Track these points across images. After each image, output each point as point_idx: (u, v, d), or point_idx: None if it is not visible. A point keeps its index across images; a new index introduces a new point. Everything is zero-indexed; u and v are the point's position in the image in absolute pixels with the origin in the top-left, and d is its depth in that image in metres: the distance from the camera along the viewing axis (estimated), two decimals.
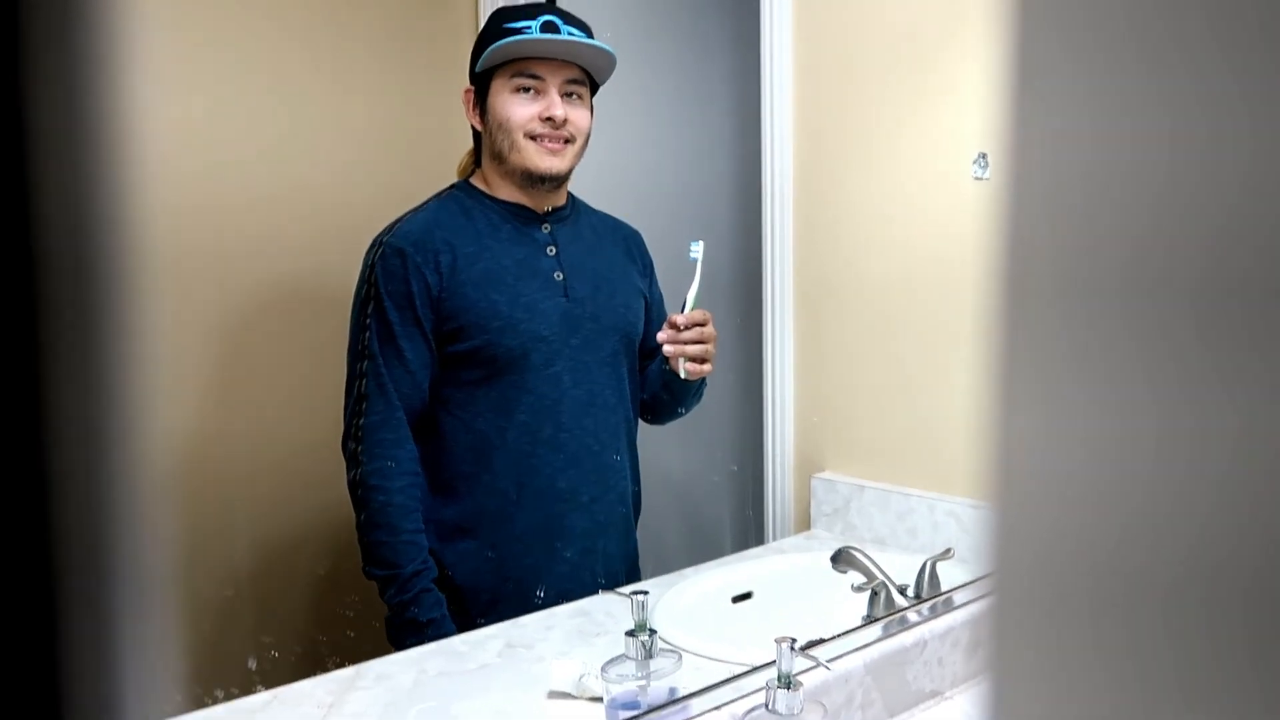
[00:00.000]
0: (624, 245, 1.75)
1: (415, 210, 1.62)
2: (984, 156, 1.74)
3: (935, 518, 1.83)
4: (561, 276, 1.62)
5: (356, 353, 1.56)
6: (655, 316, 1.76)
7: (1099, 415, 0.26)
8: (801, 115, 1.94)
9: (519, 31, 1.55)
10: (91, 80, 0.21)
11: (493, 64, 1.57)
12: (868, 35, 1.88)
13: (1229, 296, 0.24)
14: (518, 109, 1.57)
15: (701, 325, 1.61)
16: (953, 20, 1.79)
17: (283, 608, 1.80)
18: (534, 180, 1.60)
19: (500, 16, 1.60)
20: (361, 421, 1.54)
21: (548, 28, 1.55)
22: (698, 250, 1.58)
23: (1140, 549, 0.25)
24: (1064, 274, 0.26)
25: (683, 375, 1.61)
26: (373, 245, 1.58)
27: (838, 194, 1.93)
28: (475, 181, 1.65)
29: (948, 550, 1.66)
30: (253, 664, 1.56)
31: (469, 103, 1.62)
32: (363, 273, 1.58)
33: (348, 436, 1.57)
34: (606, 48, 1.60)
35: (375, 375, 1.54)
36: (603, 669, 1.30)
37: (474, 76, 1.61)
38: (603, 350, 1.64)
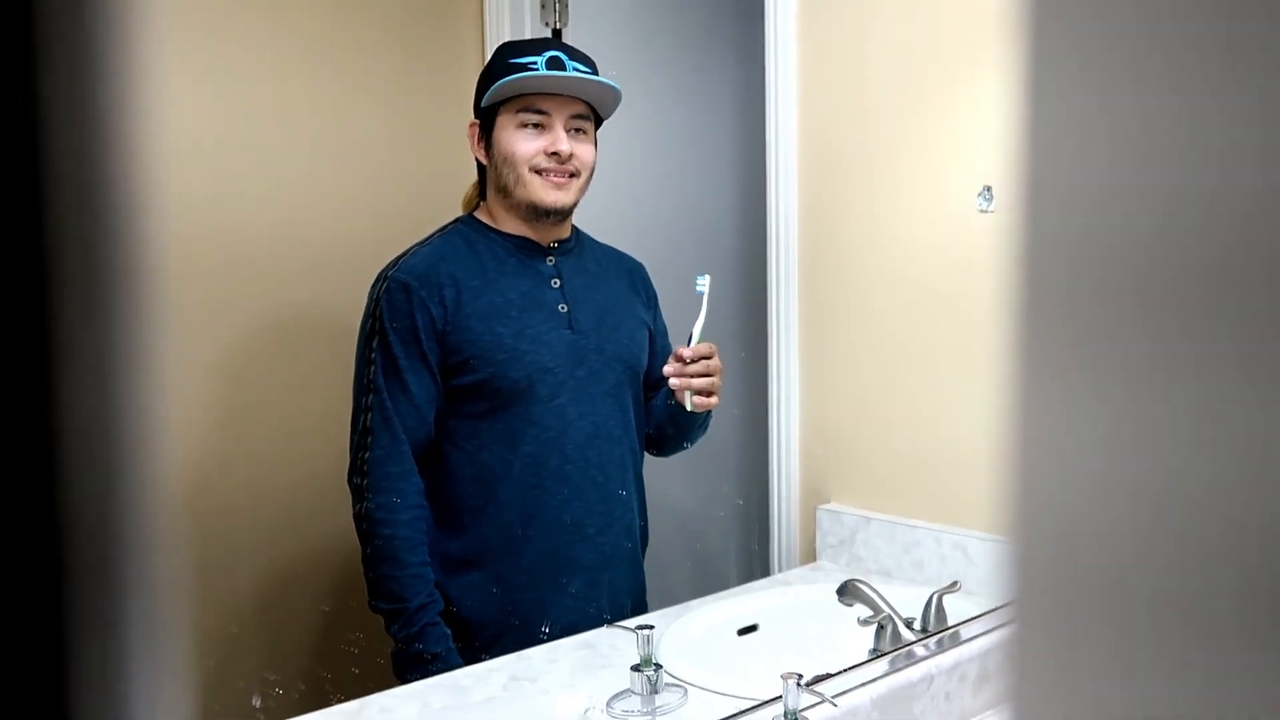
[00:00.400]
0: (628, 278, 1.76)
1: (420, 244, 1.62)
2: (988, 189, 1.74)
3: (942, 550, 1.82)
4: (566, 309, 1.63)
5: (362, 386, 1.56)
6: (659, 348, 1.76)
7: (1119, 422, 0.25)
8: (806, 148, 1.95)
9: (525, 68, 1.55)
10: (104, 91, 0.21)
11: (499, 99, 1.58)
12: (872, 69, 1.89)
13: (1250, 298, 0.23)
14: (523, 143, 1.57)
15: (707, 358, 1.60)
16: (958, 55, 1.79)
17: (287, 644, 1.80)
18: (539, 214, 1.61)
19: (506, 52, 1.61)
20: (367, 455, 1.54)
21: (553, 64, 1.56)
22: (704, 284, 1.58)
23: (1167, 557, 0.25)
24: (1081, 279, 0.26)
25: (689, 408, 1.61)
26: (378, 279, 1.59)
27: (843, 226, 1.93)
28: (480, 215, 1.65)
29: (954, 583, 1.65)
30: (257, 701, 1.55)
31: (474, 137, 1.63)
32: (368, 306, 1.58)
33: (353, 471, 1.56)
34: (613, 84, 1.61)
35: (380, 409, 1.54)
36: (608, 704, 1.29)
37: (479, 111, 1.62)
38: (607, 382, 1.65)
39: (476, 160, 1.65)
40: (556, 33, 2.15)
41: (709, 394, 1.61)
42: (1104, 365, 0.26)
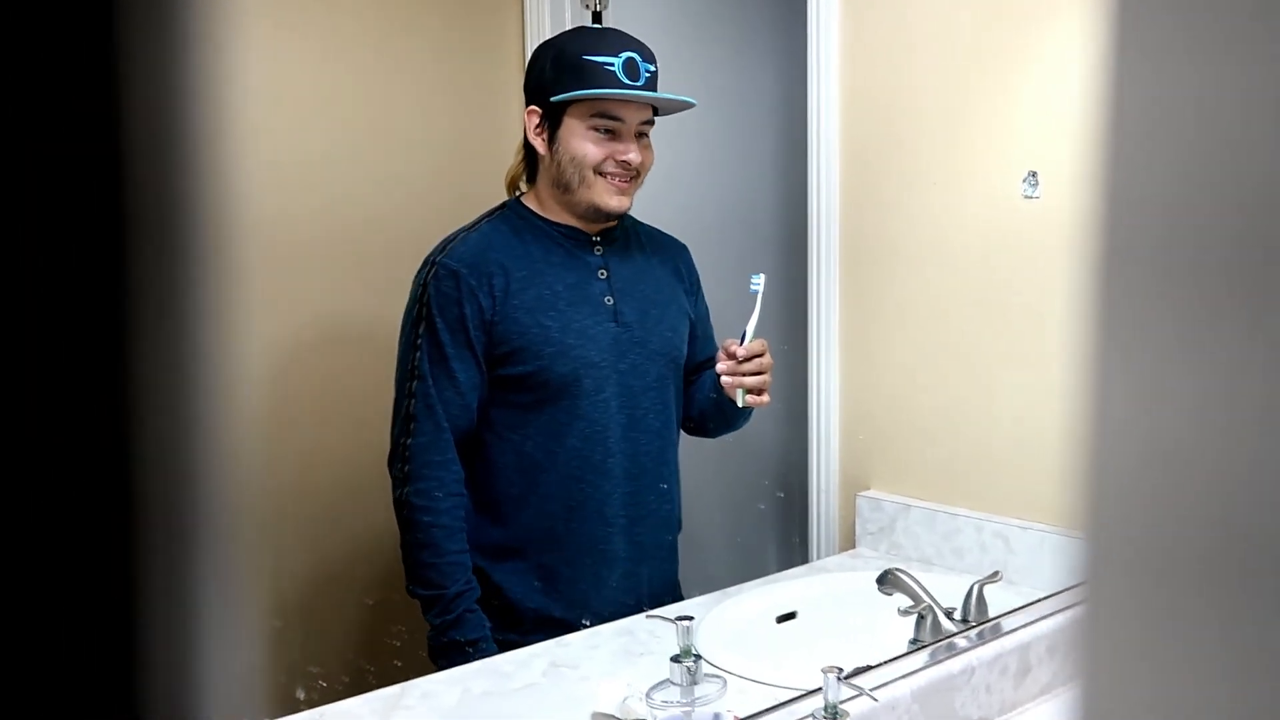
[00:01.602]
0: (672, 263, 1.75)
1: (468, 230, 1.62)
2: (1034, 175, 1.72)
3: (982, 538, 1.81)
4: (612, 301, 1.62)
5: (406, 372, 1.56)
6: (700, 333, 1.76)
7: (1199, 384, 0.25)
8: (848, 137, 1.93)
9: (602, 68, 1.55)
10: (185, 81, 0.21)
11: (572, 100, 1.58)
12: (914, 57, 1.87)
13: None
14: (595, 148, 1.57)
15: (760, 356, 1.61)
16: (1000, 42, 1.77)
17: (330, 637, 1.81)
18: (599, 216, 1.61)
19: (578, 45, 1.59)
20: (409, 441, 1.55)
21: (629, 67, 1.55)
22: (759, 283, 1.59)
23: (1249, 535, 0.24)
24: (1165, 248, 0.26)
25: (741, 405, 1.62)
26: (425, 264, 1.59)
27: (885, 215, 1.92)
28: (527, 201, 1.64)
29: (995, 573, 1.64)
30: (300, 694, 1.57)
31: (533, 124, 1.61)
32: (414, 292, 1.58)
33: (394, 457, 1.57)
34: (690, 100, 1.62)
35: (425, 396, 1.54)
36: (648, 694, 1.30)
37: (541, 99, 1.60)
38: (649, 375, 1.65)
39: (528, 145, 1.64)
40: (597, 15, 2.14)
41: (760, 391, 1.61)
42: (1186, 337, 0.25)
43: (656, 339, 1.66)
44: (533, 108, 1.61)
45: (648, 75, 1.58)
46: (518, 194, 1.67)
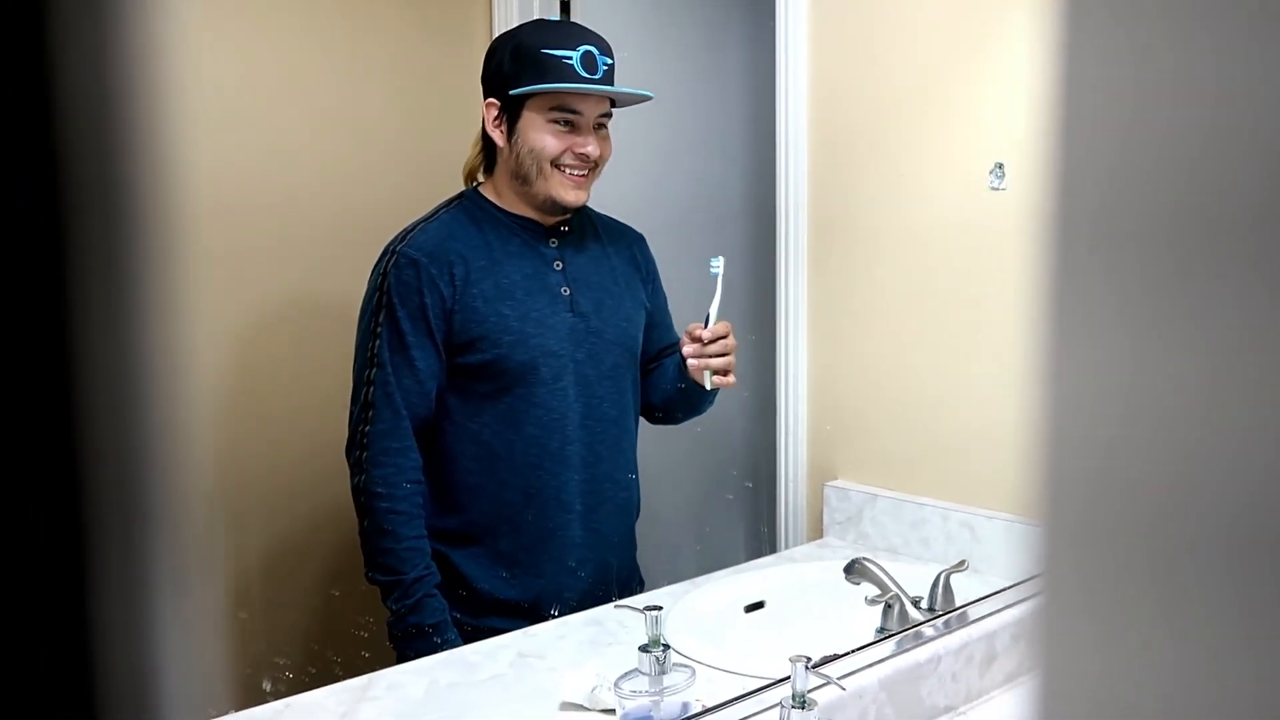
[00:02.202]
0: (628, 252, 1.76)
1: (427, 219, 1.62)
2: (1000, 167, 1.73)
3: (949, 527, 1.82)
4: (568, 292, 1.64)
5: (365, 360, 1.56)
6: (658, 322, 1.78)
7: (1151, 365, 0.25)
8: (816, 127, 1.93)
9: (560, 62, 1.55)
10: (123, 60, 0.21)
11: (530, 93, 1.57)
12: (882, 47, 1.87)
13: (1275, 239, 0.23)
14: (553, 141, 1.57)
15: (724, 338, 1.62)
16: (968, 32, 1.78)
17: (296, 629, 1.80)
18: (557, 209, 1.61)
19: (536, 38, 1.59)
20: (368, 429, 1.55)
21: (587, 60, 1.56)
22: (719, 265, 1.61)
23: (1202, 505, 0.25)
24: (1112, 220, 0.26)
25: (708, 387, 1.64)
26: (385, 253, 1.58)
27: (853, 205, 1.92)
28: (485, 191, 1.65)
29: (962, 562, 1.65)
30: (267, 686, 1.56)
31: (491, 117, 1.61)
32: (374, 280, 1.58)
33: (352, 444, 1.57)
34: (647, 94, 1.63)
35: (383, 384, 1.54)
36: (616, 684, 1.30)
37: (499, 91, 1.60)
38: (606, 364, 1.66)
39: (486, 137, 1.63)
40: (565, 5, 2.13)
41: (726, 372, 1.63)
42: (1135, 308, 0.25)
43: (613, 328, 1.68)
44: (491, 100, 1.61)
45: (605, 68, 1.59)
46: (475, 184, 1.67)
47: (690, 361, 1.63)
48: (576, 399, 1.63)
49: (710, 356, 1.62)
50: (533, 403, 1.60)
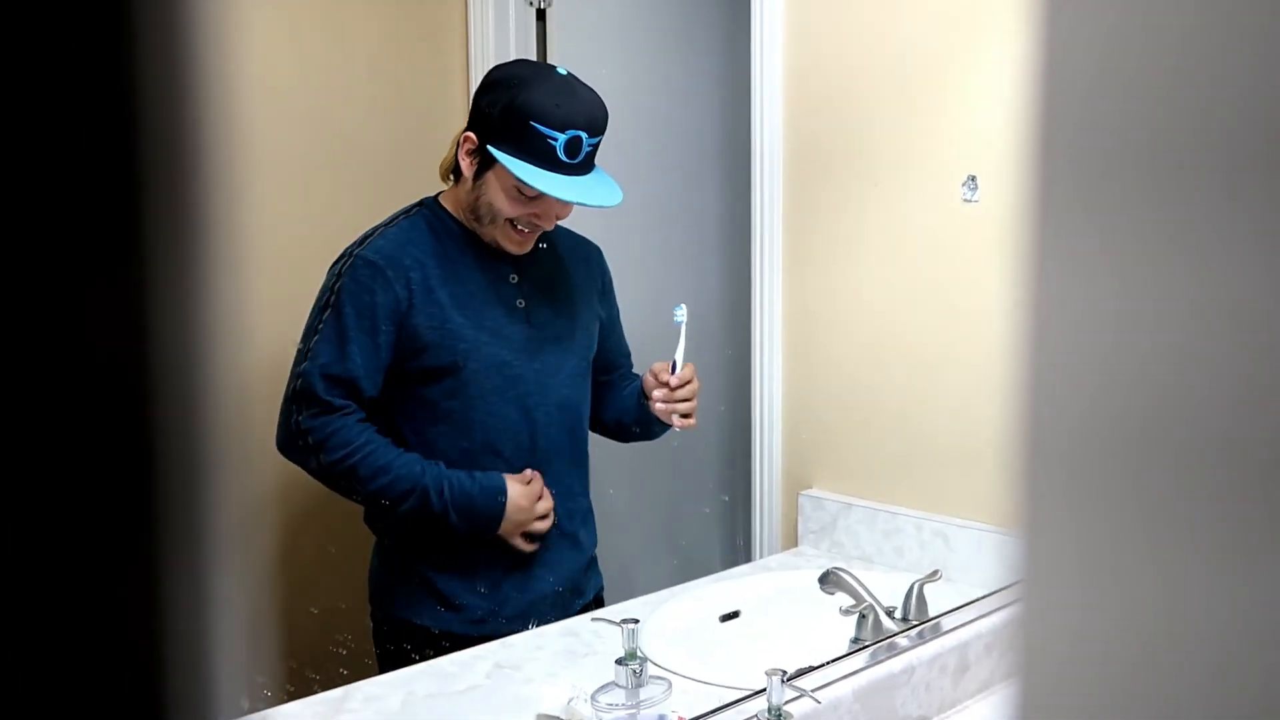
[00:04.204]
0: (584, 264, 1.77)
1: (386, 225, 1.63)
2: (973, 179, 1.75)
3: (922, 536, 1.84)
4: (523, 304, 1.65)
5: (299, 355, 1.56)
6: (609, 331, 1.80)
7: (1131, 295, 0.26)
8: (791, 137, 1.94)
9: (545, 142, 1.52)
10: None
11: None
12: (856, 59, 1.88)
13: (1254, 169, 0.24)
14: (511, 206, 1.58)
15: (689, 383, 1.67)
16: (941, 46, 1.79)
17: (275, 646, 1.79)
18: (501, 253, 1.63)
19: (532, 102, 1.54)
20: (302, 419, 1.54)
21: (571, 146, 1.53)
22: (682, 314, 1.66)
23: (1181, 431, 0.25)
24: (1091, 155, 0.26)
25: (677, 429, 1.68)
26: (341, 256, 1.59)
27: (827, 216, 1.93)
28: (445, 201, 1.65)
29: (935, 572, 1.67)
30: (245, 704, 1.56)
31: (466, 150, 1.59)
32: (327, 281, 1.59)
33: (291, 440, 1.56)
34: (617, 202, 1.60)
35: (312, 375, 1.54)
36: (593, 696, 1.30)
37: (480, 134, 1.58)
38: (561, 373, 1.68)
39: (457, 161, 1.62)
40: (540, 12, 2.13)
41: (688, 415, 1.68)
42: (1114, 241, 0.26)
43: (568, 339, 1.70)
44: (469, 134, 1.59)
45: (588, 151, 1.56)
46: (437, 194, 1.67)
47: (659, 405, 1.66)
48: (534, 408, 1.64)
49: (678, 401, 1.66)
50: (486, 410, 1.61)
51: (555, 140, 1.53)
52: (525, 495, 1.59)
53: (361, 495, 1.60)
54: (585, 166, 1.57)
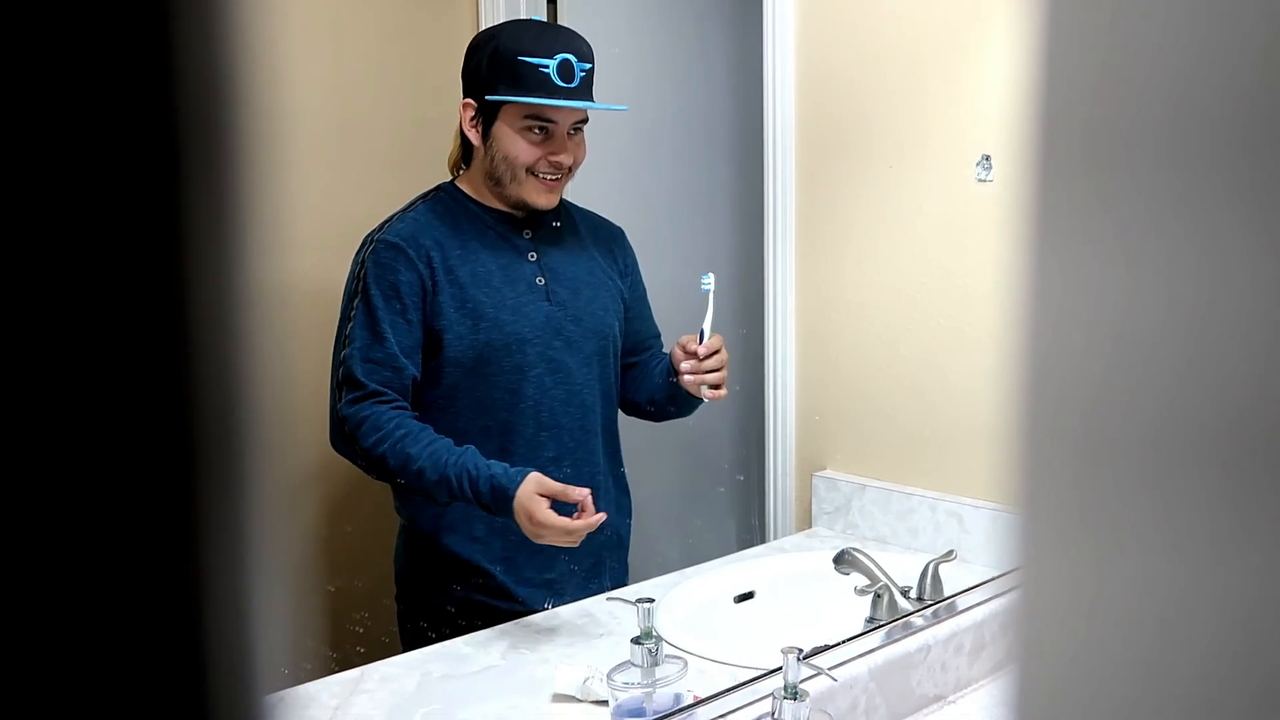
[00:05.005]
0: (606, 245, 1.77)
1: (405, 210, 1.63)
2: (987, 159, 1.74)
3: (937, 517, 1.84)
4: (544, 282, 1.65)
5: (339, 342, 1.57)
6: (636, 314, 1.78)
7: (1135, 265, 0.25)
8: (804, 120, 1.94)
9: (536, 70, 1.55)
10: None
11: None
12: (870, 38, 1.87)
13: (1261, 149, 0.23)
14: (527, 149, 1.58)
15: (718, 352, 1.64)
16: (955, 26, 1.78)
17: (293, 624, 1.80)
18: (528, 211, 1.63)
19: (513, 42, 1.58)
20: (342, 407, 1.55)
21: (564, 69, 1.55)
22: (709, 282, 1.63)
23: (1184, 415, 0.25)
24: (1093, 139, 0.26)
25: (706, 400, 1.65)
26: (365, 242, 1.61)
27: (840, 197, 1.93)
28: (462, 185, 1.66)
29: (950, 552, 1.66)
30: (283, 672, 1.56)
31: (468, 118, 1.61)
32: (353, 269, 1.60)
33: (337, 431, 1.56)
34: (622, 108, 1.63)
35: (353, 360, 1.54)
36: (609, 675, 1.31)
37: (476, 95, 1.60)
38: (583, 352, 1.67)
39: (463, 135, 1.64)
40: (551, 1, 2.13)
41: (719, 385, 1.65)
42: (1119, 220, 0.26)
43: (589, 318, 1.69)
44: (468, 100, 1.62)
45: (583, 75, 1.58)
46: (452, 178, 1.67)
47: (687, 377, 1.63)
48: (553, 387, 1.64)
49: (706, 372, 1.63)
50: (507, 390, 1.61)
51: (547, 67, 1.55)
52: (530, 514, 1.46)
53: (406, 489, 1.59)
54: (584, 92, 1.59)
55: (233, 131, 0.22)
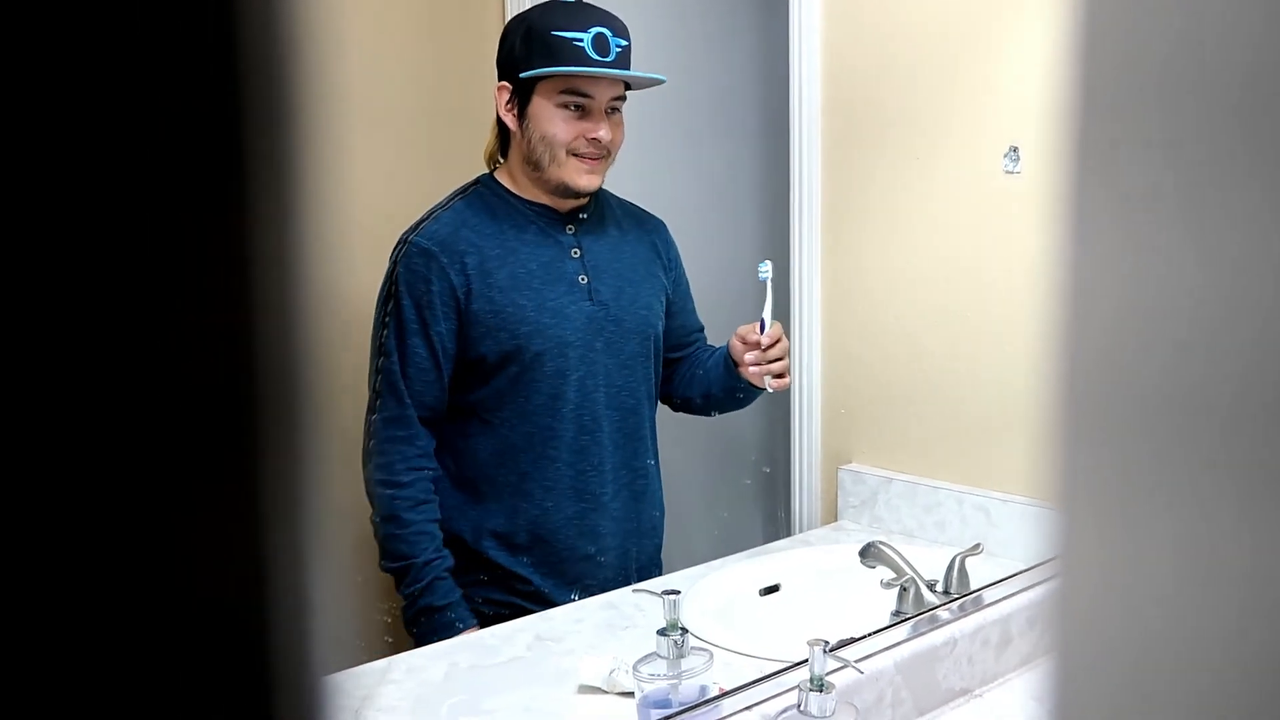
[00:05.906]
0: (648, 239, 1.75)
1: (441, 208, 1.62)
2: (1015, 150, 1.73)
3: (963, 511, 1.83)
4: (586, 280, 1.63)
5: (375, 350, 1.57)
6: (679, 308, 1.77)
7: (1171, 251, 0.25)
8: (830, 110, 1.93)
9: (570, 44, 1.54)
10: None
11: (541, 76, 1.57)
12: (897, 28, 1.86)
13: None
14: (564, 126, 1.56)
15: (780, 340, 1.65)
16: (982, 17, 1.77)
17: (319, 613, 1.81)
18: (570, 194, 1.61)
19: (547, 20, 1.57)
20: (374, 418, 1.56)
21: (599, 42, 1.54)
22: (767, 270, 1.63)
23: (1216, 384, 0.25)
24: (1135, 102, 0.26)
25: (770, 390, 1.65)
26: (400, 242, 1.59)
27: (867, 188, 1.92)
28: (500, 178, 1.64)
29: (976, 545, 1.66)
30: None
31: (503, 100, 1.60)
32: (388, 271, 1.59)
33: (365, 435, 1.58)
34: (660, 78, 1.61)
35: (388, 372, 1.55)
36: (634, 667, 1.31)
37: (511, 75, 1.59)
38: (625, 352, 1.65)
39: (500, 121, 1.63)
40: None
41: (782, 374, 1.66)
42: (1155, 206, 0.26)
43: (632, 317, 1.67)
44: (503, 84, 1.60)
45: (619, 50, 1.57)
46: (491, 170, 1.66)
47: (752, 369, 1.64)
48: (595, 389, 1.62)
49: (770, 361, 1.64)
50: (551, 393, 1.59)
51: (581, 40, 1.54)
52: None
53: (373, 526, 1.60)
54: (620, 65, 1.57)
55: (294, 122, 0.22)
